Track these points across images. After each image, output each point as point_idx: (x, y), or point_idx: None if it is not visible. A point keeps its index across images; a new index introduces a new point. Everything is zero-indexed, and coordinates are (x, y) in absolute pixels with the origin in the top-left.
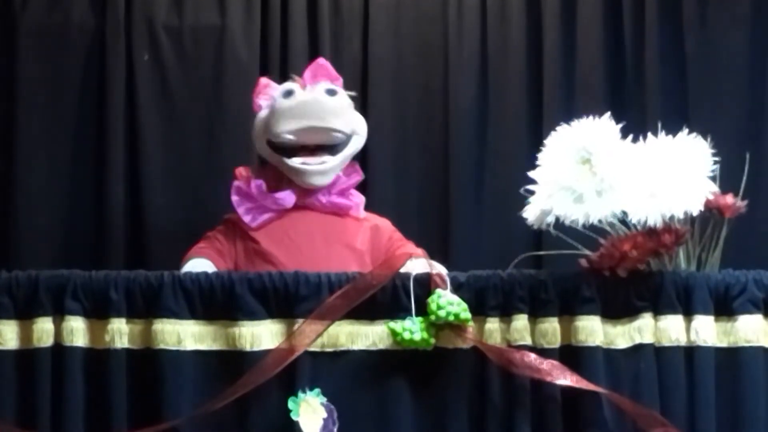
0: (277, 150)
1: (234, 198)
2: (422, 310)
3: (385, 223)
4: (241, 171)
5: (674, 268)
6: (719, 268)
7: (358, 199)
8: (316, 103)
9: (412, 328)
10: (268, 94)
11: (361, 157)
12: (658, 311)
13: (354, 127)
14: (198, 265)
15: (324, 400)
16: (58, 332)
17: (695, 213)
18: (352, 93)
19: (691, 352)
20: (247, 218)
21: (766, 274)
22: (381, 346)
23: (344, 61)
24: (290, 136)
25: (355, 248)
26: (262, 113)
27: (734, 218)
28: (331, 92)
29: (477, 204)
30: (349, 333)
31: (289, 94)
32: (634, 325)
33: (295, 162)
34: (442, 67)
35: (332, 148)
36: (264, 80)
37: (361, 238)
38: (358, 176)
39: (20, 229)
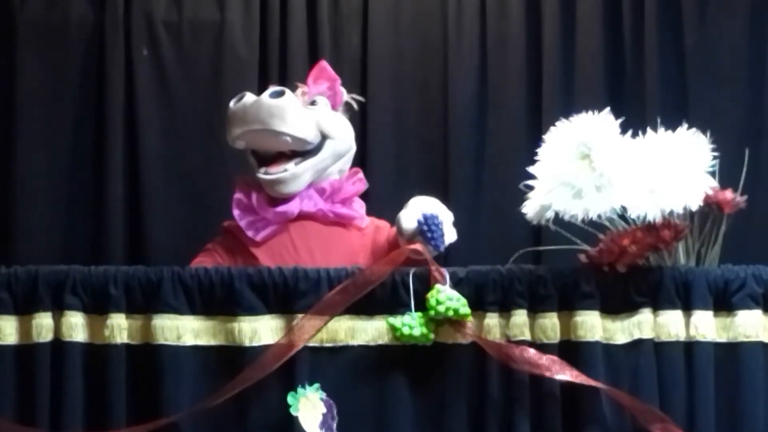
0: (258, 160)
1: (236, 212)
2: (421, 306)
3: (384, 224)
4: (239, 180)
5: (673, 264)
6: (718, 263)
7: (361, 208)
8: (256, 107)
9: (411, 324)
10: None
11: (361, 154)
12: (657, 306)
13: (324, 131)
14: None
15: (323, 395)
16: (57, 327)
17: (694, 208)
18: (356, 96)
19: (690, 347)
20: (250, 232)
21: (766, 270)
22: (380, 341)
23: (344, 57)
24: (242, 142)
25: (356, 262)
26: None
27: (733, 214)
28: (277, 94)
29: (476, 199)
30: (349, 328)
31: (239, 98)
32: (634, 320)
33: (260, 172)
34: (441, 62)
35: (304, 155)
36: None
37: (364, 250)
38: (362, 185)
39: (19, 224)
